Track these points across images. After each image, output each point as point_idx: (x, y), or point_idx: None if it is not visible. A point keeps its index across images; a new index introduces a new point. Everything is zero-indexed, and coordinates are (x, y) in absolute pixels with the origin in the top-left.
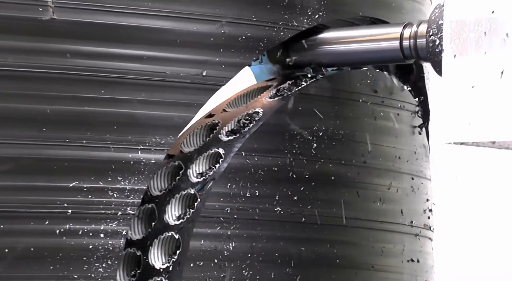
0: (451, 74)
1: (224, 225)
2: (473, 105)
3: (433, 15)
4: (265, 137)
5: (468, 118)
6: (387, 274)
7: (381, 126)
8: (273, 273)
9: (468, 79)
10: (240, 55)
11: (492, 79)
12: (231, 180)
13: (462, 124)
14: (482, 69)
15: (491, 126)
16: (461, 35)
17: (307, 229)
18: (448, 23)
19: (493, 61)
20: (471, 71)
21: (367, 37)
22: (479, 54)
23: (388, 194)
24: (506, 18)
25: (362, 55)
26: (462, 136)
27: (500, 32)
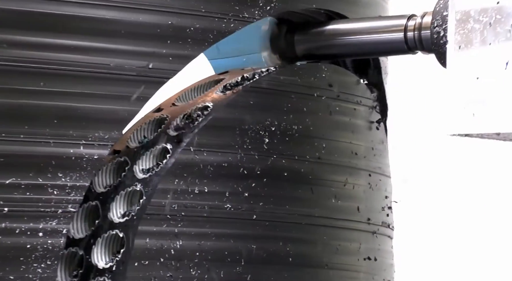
0: (456, 65)
1: (171, 223)
2: (477, 96)
3: (437, 6)
4: (215, 132)
5: (472, 110)
6: (342, 273)
7: (337, 121)
8: (222, 272)
9: (473, 71)
10: (189, 47)
11: (497, 71)
12: (178, 176)
13: (466, 116)
14: (486, 61)
15: (496, 118)
16: (466, 26)
17: (258, 227)
18: (453, 14)
19: (498, 52)
20: (475, 62)
21: (372, 29)
22: (483, 46)
23: (344, 190)
24: (511, 9)
25: (367, 46)
26: (467, 128)
27: (505, 23)
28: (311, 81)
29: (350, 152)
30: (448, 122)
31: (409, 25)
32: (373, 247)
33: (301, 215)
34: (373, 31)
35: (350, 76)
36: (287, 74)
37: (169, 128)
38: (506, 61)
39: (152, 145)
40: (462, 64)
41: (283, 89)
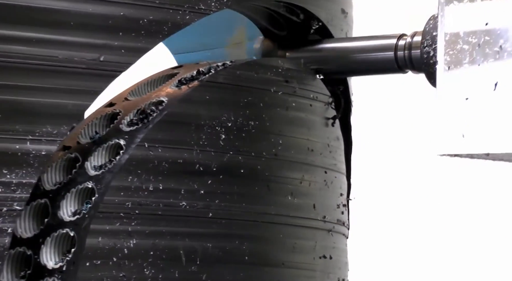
0: (445, 86)
1: (124, 221)
2: (467, 117)
3: (427, 26)
4: (169, 128)
5: (462, 130)
6: (298, 271)
7: (293, 117)
8: (177, 272)
9: (462, 91)
10: (142, 40)
11: (486, 91)
12: (132, 173)
13: (456, 136)
14: (476, 81)
15: (485, 139)
16: (455, 47)
17: (214, 225)
18: (442, 35)
19: (487, 73)
20: (465, 83)
21: (363, 48)
22: (473, 66)
23: (300, 187)
24: (499, 30)
25: (358, 66)
26: (456, 148)
27: (494, 44)
28: (268, 76)
29: (307, 149)
30: (438, 142)
31: (399, 44)
32: (328, 245)
33: (258, 213)
34: (363, 50)
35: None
36: (244, 69)
37: (122, 124)
38: (495, 82)
39: (105, 140)
40: (452, 85)
41: (240, 84)
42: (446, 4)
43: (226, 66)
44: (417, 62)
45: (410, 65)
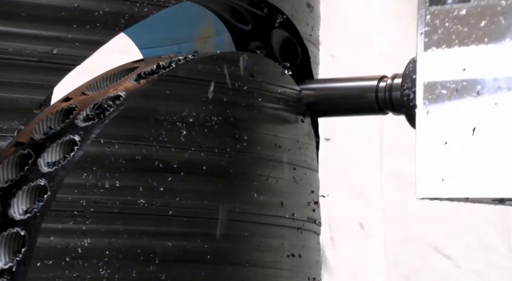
0: (424, 130)
1: (78, 220)
2: (446, 161)
3: (407, 69)
4: (127, 123)
5: (441, 174)
6: (264, 270)
7: (259, 113)
8: (135, 272)
9: (441, 135)
10: (98, 33)
11: (465, 136)
12: (87, 169)
13: (435, 180)
14: (454, 126)
15: (464, 183)
16: (434, 92)
17: (174, 223)
18: (421, 79)
19: (465, 118)
20: (444, 127)
21: (344, 89)
22: (451, 111)
23: (267, 185)
24: (476, 76)
25: (339, 107)
26: (436, 192)
27: (472, 90)
28: (232, 71)
29: (274, 145)
30: (417, 186)
31: (380, 86)
32: (297, 243)
33: (221, 211)
34: (345, 93)
35: (274, 66)
36: (206, 63)
37: (78, 119)
38: (473, 127)
39: (59, 136)
40: (431, 129)
41: (202, 79)
42: (425, 49)
43: (188, 60)
44: (398, 105)
45: (391, 107)
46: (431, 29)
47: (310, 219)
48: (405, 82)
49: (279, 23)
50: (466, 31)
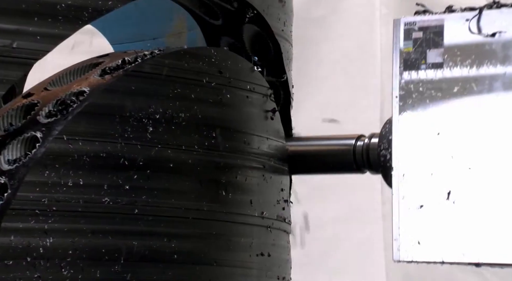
0: (400, 193)
1: (40, 219)
2: (422, 224)
3: (383, 129)
4: (91, 120)
5: (417, 237)
6: (233, 270)
7: (228, 109)
8: (99, 272)
9: (417, 198)
10: (60, 26)
11: (439, 200)
12: (49, 167)
13: (411, 243)
14: (429, 190)
15: (440, 247)
16: (409, 155)
17: (140, 222)
18: (397, 141)
19: (440, 182)
20: (419, 191)
21: (323, 148)
22: (427, 175)
23: (236, 183)
24: (450, 141)
25: (318, 166)
26: (412, 256)
27: (446, 154)
28: (200, 67)
29: (243, 142)
30: (394, 248)
31: (357, 145)
32: (267, 242)
33: (188, 209)
34: (323, 152)
35: (243, 62)
36: (173, 58)
37: (40, 115)
38: (448, 191)
39: (20, 133)
40: (407, 191)
41: (169, 74)
42: (400, 113)
43: (154, 55)
44: (375, 164)
45: (368, 167)
46: (405, 93)
47: (279, 217)
48: (382, 142)
49: (249, 18)
50: (440, 96)
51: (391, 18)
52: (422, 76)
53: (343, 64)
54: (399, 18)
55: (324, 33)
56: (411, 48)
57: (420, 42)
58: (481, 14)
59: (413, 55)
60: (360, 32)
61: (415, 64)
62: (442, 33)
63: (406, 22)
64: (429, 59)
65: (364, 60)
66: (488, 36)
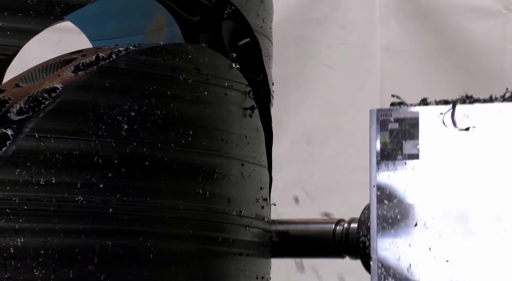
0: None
1: (10, 218)
2: None
3: (362, 216)
4: (64, 117)
5: None
6: (210, 269)
7: (205, 106)
8: (72, 272)
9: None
10: (31, 21)
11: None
12: (20, 165)
13: None
14: None
15: None
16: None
17: (115, 221)
18: (374, 231)
19: (418, 273)
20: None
21: (304, 232)
22: (404, 267)
23: (213, 181)
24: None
25: (300, 251)
26: None
27: (424, 245)
28: (176, 63)
29: (220, 140)
30: None
31: (337, 230)
32: (245, 241)
33: (164, 208)
34: (303, 235)
35: (221, 59)
36: (149, 54)
37: (11, 112)
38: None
39: None
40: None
41: (144, 71)
42: (377, 202)
43: (129, 51)
44: (354, 250)
45: (347, 252)
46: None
47: (259, 216)
48: (361, 228)
49: (227, 14)
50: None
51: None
52: (399, 165)
53: (343, 64)
54: (374, 108)
55: (324, 33)
56: (387, 139)
57: (396, 133)
58: (454, 108)
59: (390, 145)
60: (360, 32)
61: (391, 155)
62: (417, 125)
63: (382, 113)
64: (405, 150)
65: (364, 60)
66: (462, 130)
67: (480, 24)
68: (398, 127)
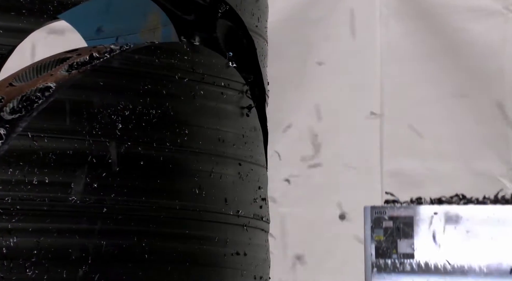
0: None
1: (3, 218)
2: None
3: None
4: (58, 116)
5: None
6: (206, 269)
7: (201, 106)
8: (65, 272)
9: None
10: (24, 19)
11: None
12: (13, 165)
13: None
14: None
15: None
16: None
17: (109, 221)
18: None
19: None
20: None
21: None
22: None
23: (210, 180)
24: None
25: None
26: None
27: None
28: (172, 63)
29: (217, 139)
30: None
31: None
32: (242, 241)
33: (160, 208)
34: None
35: (217, 58)
36: (143, 53)
37: (4, 111)
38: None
39: None
40: None
41: (139, 70)
42: None
43: (123, 50)
44: None
45: None
46: None
47: (256, 216)
48: None
49: (222, 13)
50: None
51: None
52: (394, 263)
53: (343, 64)
54: (368, 206)
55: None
56: (382, 237)
57: (390, 232)
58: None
59: (385, 244)
60: (360, 32)
61: (386, 253)
62: (412, 224)
63: (376, 210)
64: (400, 249)
65: (364, 60)
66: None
67: (480, 24)
68: (392, 225)
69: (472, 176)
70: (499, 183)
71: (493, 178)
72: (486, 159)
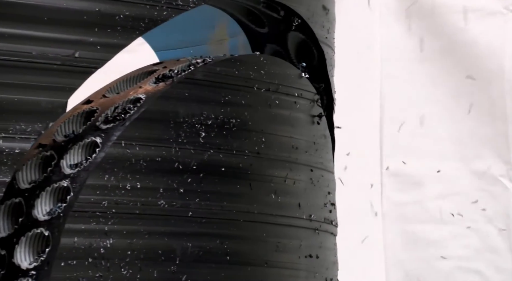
0: None
1: (100, 220)
2: None
3: None
4: (147, 125)
5: None
6: (282, 271)
7: (276, 114)
8: (156, 272)
9: None
10: (118, 36)
11: None
12: (108, 171)
13: None
14: None
15: None
16: None
17: (194, 224)
18: None
19: None
20: None
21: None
22: None
23: (284, 186)
24: None
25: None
26: None
27: None
28: (250, 74)
29: (291, 146)
30: None
31: None
32: (314, 244)
33: (239, 212)
34: None
35: (291, 68)
36: (224, 65)
37: (99, 121)
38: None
39: (81, 138)
40: None
41: (220, 81)
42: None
43: (206, 62)
44: None
45: None
46: None
47: (327, 220)
48: None
49: (295, 26)
50: None
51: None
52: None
53: (343, 64)
54: None
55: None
56: None
57: None
58: None
59: None
60: (360, 32)
61: None
62: None
63: None
64: None
65: (364, 60)
66: None
67: (480, 24)
68: None
69: (472, 176)
70: (499, 183)
71: (493, 178)
72: (486, 159)
